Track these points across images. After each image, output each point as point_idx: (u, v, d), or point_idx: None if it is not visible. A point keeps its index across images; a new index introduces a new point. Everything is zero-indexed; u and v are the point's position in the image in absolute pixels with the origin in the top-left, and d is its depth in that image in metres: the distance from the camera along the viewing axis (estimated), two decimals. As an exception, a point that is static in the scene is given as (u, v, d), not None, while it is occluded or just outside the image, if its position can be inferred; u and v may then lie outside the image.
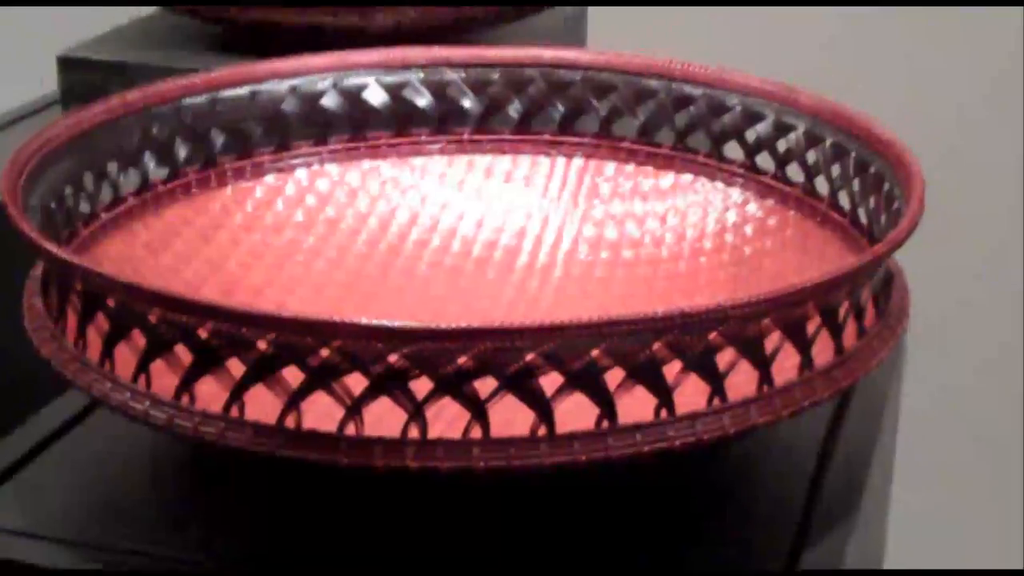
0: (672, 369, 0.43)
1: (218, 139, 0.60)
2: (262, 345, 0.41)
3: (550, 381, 0.42)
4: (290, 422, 0.42)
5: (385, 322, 0.40)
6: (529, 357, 0.41)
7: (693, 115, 0.62)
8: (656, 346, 0.42)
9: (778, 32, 1.05)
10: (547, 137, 0.64)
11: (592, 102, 0.63)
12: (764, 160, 0.60)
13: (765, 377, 0.44)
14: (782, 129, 0.59)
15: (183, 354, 0.43)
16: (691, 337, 0.42)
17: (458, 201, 0.63)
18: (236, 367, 0.42)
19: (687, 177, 0.62)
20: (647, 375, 0.42)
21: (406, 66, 0.63)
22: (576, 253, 0.61)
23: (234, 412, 0.42)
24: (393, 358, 0.41)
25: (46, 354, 0.46)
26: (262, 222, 0.61)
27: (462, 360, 0.41)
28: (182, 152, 0.59)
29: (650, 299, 0.59)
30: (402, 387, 0.41)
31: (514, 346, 0.41)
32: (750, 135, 0.60)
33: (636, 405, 0.42)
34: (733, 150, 0.61)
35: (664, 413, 0.42)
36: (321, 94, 0.62)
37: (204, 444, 0.42)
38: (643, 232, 0.61)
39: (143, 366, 0.44)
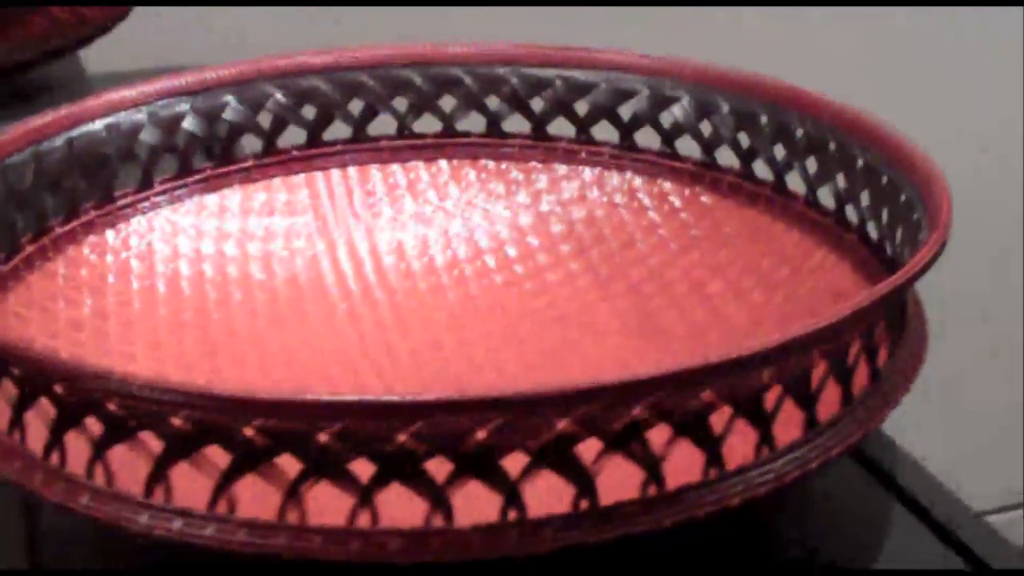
0: (719, 420, 0.39)
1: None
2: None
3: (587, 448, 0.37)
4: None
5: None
6: (562, 424, 0.37)
7: (461, 97, 0.58)
8: (706, 396, 0.38)
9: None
10: (295, 154, 0.58)
11: (342, 105, 0.57)
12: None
13: (811, 417, 0.40)
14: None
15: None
16: (742, 384, 0.38)
17: (228, 248, 0.55)
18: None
19: (455, 162, 0.59)
20: (694, 430, 0.38)
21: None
22: (384, 269, 0.56)
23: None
24: (403, 437, 0.36)
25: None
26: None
27: (481, 435, 0.36)
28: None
29: (496, 302, 0.54)
30: (420, 470, 0.37)
31: (545, 414, 0.37)
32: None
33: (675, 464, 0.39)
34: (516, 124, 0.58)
35: (713, 472, 0.39)
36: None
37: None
38: (444, 232, 0.57)
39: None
